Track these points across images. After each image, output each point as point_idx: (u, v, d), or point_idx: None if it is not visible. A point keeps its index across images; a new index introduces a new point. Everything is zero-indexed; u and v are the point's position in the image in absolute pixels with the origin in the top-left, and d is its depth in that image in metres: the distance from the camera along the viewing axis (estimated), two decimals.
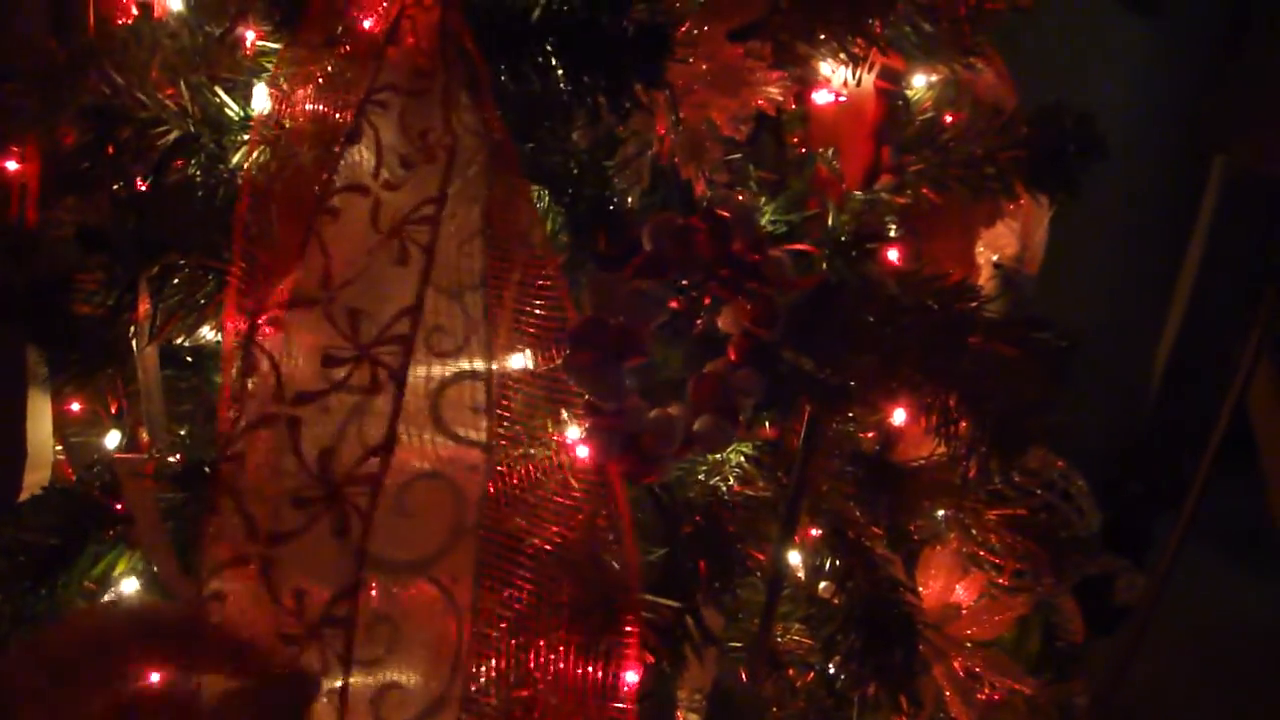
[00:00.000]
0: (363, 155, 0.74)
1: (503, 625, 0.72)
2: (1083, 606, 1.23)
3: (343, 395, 0.67)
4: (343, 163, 0.73)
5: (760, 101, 0.77)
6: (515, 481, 0.75)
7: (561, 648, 0.72)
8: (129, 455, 0.83)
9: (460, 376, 0.70)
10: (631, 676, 0.74)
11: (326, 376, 0.67)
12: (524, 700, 0.72)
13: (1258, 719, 2.12)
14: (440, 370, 0.70)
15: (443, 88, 0.74)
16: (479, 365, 0.71)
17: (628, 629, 0.71)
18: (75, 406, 1.17)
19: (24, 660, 0.51)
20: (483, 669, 0.72)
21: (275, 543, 0.63)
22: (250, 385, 0.69)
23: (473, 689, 0.72)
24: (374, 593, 0.66)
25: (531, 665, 0.72)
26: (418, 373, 0.69)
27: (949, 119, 1.07)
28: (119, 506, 0.95)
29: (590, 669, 0.72)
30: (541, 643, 0.72)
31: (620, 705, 0.72)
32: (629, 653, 0.72)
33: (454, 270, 0.72)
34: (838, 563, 0.88)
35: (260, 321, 0.70)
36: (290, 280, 0.71)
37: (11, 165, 1.07)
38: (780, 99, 0.77)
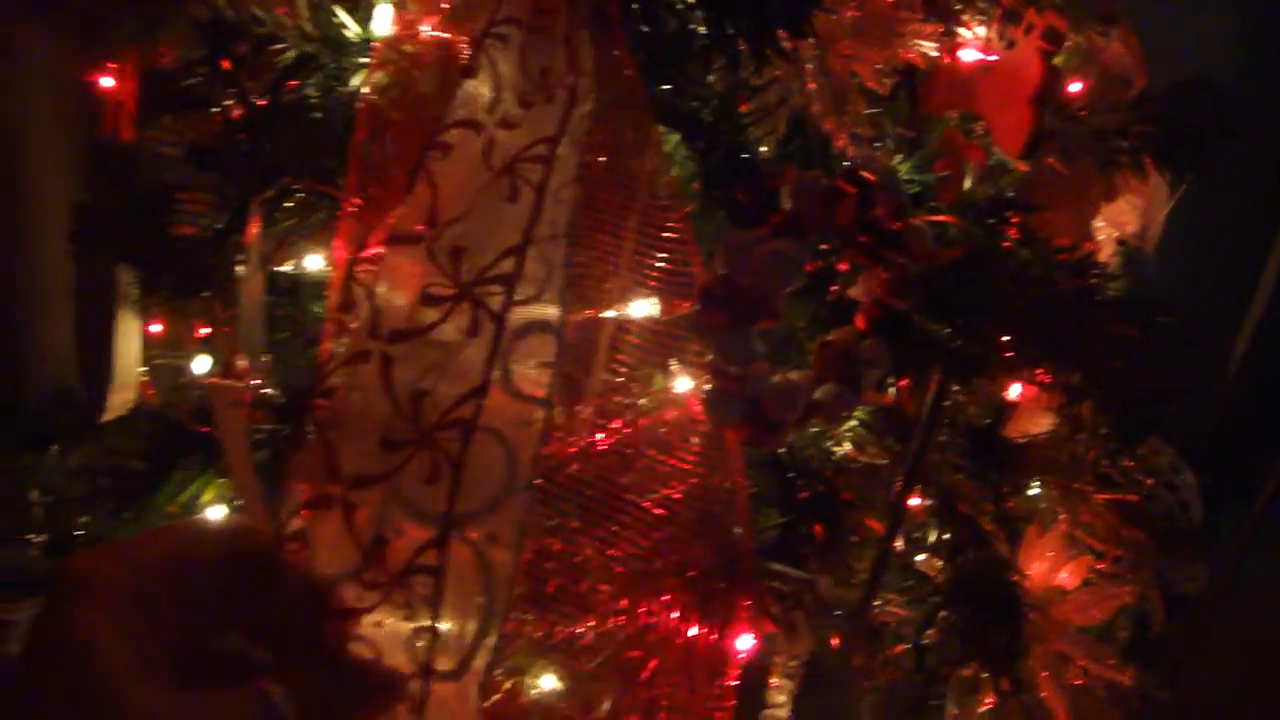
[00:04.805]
0: (479, 90, 0.71)
1: (611, 583, 0.70)
2: None
3: (440, 336, 0.64)
4: (458, 97, 0.71)
5: (911, 55, 0.74)
6: (628, 436, 0.73)
7: (677, 609, 0.70)
8: (225, 382, 0.80)
9: (531, 328, 0.67)
10: (743, 643, 0.72)
11: (424, 315, 0.64)
12: (634, 661, 0.70)
13: None
14: (516, 318, 0.67)
15: (566, 23, 0.71)
16: (551, 315, 0.68)
17: (750, 595, 0.69)
18: (157, 328, 1.15)
19: (104, 564, 0.48)
20: (591, 625, 0.70)
21: (359, 486, 0.61)
22: (348, 322, 0.66)
23: (578, 644, 0.71)
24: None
25: (642, 625, 0.70)
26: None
27: (1076, 86, 1.04)
28: (206, 431, 0.94)
29: (703, 633, 0.70)
30: (654, 603, 0.70)
31: (727, 671, 0.71)
32: (746, 619, 0.70)
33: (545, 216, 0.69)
34: (946, 536, 0.86)
35: (362, 257, 0.68)
36: (394, 216, 0.69)
37: (107, 81, 1.04)
38: (934, 53, 0.73)
